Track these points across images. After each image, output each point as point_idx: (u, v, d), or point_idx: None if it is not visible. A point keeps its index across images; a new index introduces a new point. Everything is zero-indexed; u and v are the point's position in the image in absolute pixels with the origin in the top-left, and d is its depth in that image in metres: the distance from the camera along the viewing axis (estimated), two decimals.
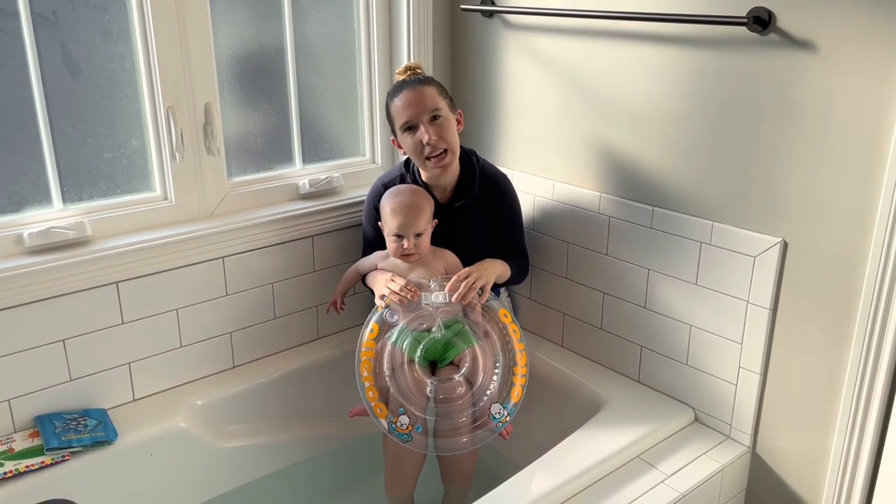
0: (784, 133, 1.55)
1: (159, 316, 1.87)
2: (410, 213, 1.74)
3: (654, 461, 1.70)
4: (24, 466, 1.60)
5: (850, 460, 1.59)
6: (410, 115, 1.75)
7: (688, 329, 1.82)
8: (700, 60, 1.66)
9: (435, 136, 1.74)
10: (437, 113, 1.75)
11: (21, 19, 1.60)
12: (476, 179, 1.86)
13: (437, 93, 1.77)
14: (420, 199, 1.78)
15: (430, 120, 1.75)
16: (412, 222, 1.73)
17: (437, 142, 1.74)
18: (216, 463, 1.91)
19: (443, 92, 1.80)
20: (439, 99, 1.77)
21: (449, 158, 1.78)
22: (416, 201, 1.77)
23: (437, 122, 1.75)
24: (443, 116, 1.76)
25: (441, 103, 1.77)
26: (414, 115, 1.74)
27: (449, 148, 1.77)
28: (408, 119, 1.75)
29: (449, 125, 1.78)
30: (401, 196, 1.78)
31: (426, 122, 1.74)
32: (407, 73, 1.83)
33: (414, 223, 1.73)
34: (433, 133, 1.74)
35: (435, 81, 1.81)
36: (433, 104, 1.75)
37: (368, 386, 1.65)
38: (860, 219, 1.48)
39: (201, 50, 1.82)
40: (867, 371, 1.52)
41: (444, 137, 1.75)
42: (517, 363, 1.69)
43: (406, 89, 1.76)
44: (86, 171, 1.78)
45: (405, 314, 1.70)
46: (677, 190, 1.78)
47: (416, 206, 1.75)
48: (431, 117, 1.75)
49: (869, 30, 1.39)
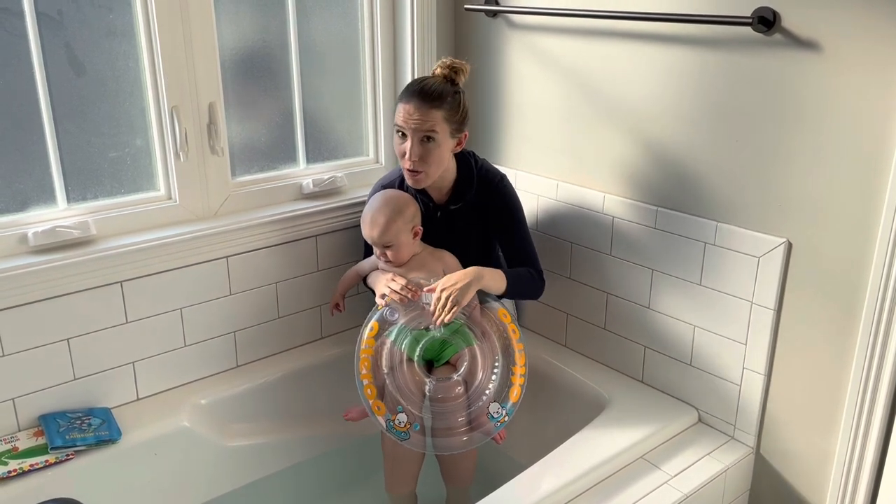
0: (788, 133, 1.55)
1: (163, 315, 1.87)
2: (374, 227, 1.75)
3: (658, 462, 1.69)
4: (28, 465, 1.60)
5: (854, 461, 1.59)
6: (402, 125, 1.72)
7: (692, 329, 1.82)
8: (704, 60, 1.66)
9: (417, 157, 1.71)
10: (430, 135, 1.71)
11: (26, 19, 1.61)
12: (473, 181, 1.85)
13: (442, 118, 1.70)
14: (386, 212, 1.75)
15: (421, 140, 1.71)
16: (377, 235, 1.75)
17: (417, 163, 1.72)
18: (220, 462, 1.91)
19: (452, 116, 1.72)
20: (441, 124, 1.71)
21: (422, 178, 1.75)
22: (378, 217, 1.74)
23: (426, 145, 1.71)
24: (435, 141, 1.71)
25: (441, 128, 1.71)
26: (405, 126, 1.71)
27: (426, 171, 1.74)
28: (399, 125, 1.73)
29: (438, 150, 1.72)
30: (371, 209, 1.78)
31: (415, 140, 1.71)
32: (443, 69, 1.76)
33: (379, 236, 1.75)
34: (416, 154, 1.71)
35: (446, 104, 1.71)
36: (429, 127, 1.70)
37: (367, 383, 1.66)
38: (865, 219, 1.48)
39: (205, 49, 1.83)
40: (871, 372, 1.52)
41: (425, 160, 1.72)
42: (516, 363, 1.69)
43: (415, 101, 1.70)
44: (90, 170, 1.78)
45: (405, 313, 1.70)
46: (681, 190, 1.78)
47: (378, 221, 1.74)
48: (423, 138, 1.71)
49: (874, 30, 1.39)
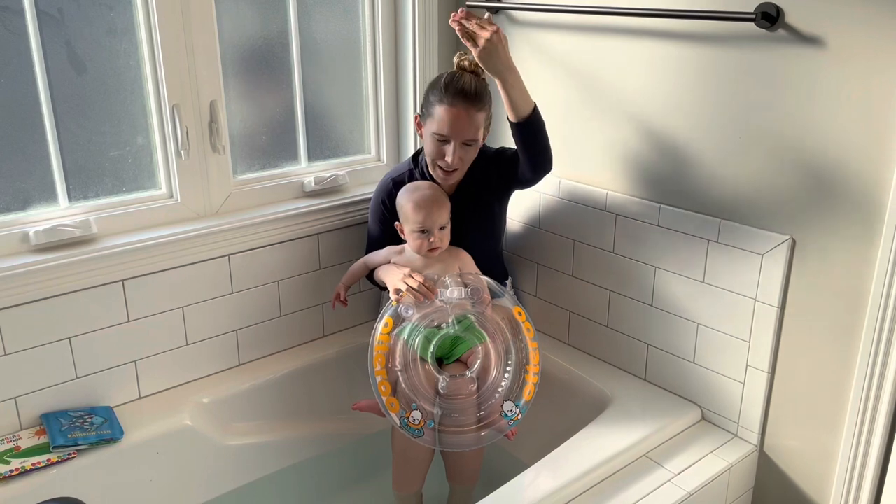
0: (791, 129, 1.54)
1: (165, 314, 1.87)
2: (433, 207, 1.74)
3: (661, 460, 1.69)
4: (30, 464, 1.60)
5: (858, 459, 1.58)
6: (447, 133, 1.72)
7: (695, 327, 1.81)
8: (707, 56, 1.65)
9: (458, 160, 1.74)
10: (471, 142, 1.74)
11: (26, 17, 1.60)
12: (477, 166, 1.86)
13: (483, 119, 1.75)
14: (439, 192, 1.79)
15: (462, 143, 1.74)
16: (437, 216, 1.74)
17: (457, 163, 1.75)
18: (222, 461, 1.91)
19: (488, 116, 1.78)
20: (482, 128, 1.75)
21: (457, 175, 1.80)
22: (438, 195, 1.78)
23: (467, 148, 1.75)
24: (475, 145, 1.76)
25: (480, 134, 1.75)
26: (451, 134, 1.72)
27: (461, 170, 1.79)
28: (444, 134, 1.73)
29: (475, 150, 1.78)
30: (420, 191, 1.78)
31: (458, 144, 1.73)
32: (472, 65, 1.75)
33: (438, 216, 1.74)
34: (458, 158, 1.74)
35: (488, 100, 1.75)
36: (474, 134, 1.73)
37: (381, 380, 1.64)
38: (869, 216, 1.47)
39: (206, 47, 1.82)
40: (876, 369, 1.51)
41: (464, 160, 1.76)
42: (530, 361, 1.68)
43: (460, 104, 1.70)
44: (91, 168, 1.78)
45: (419, 309, 1.69)
46: (684, 187, 1.77)
47: (438, 199, 1.76)
48: (465, 142, 1.74)
49: (877, 25, 1.38)
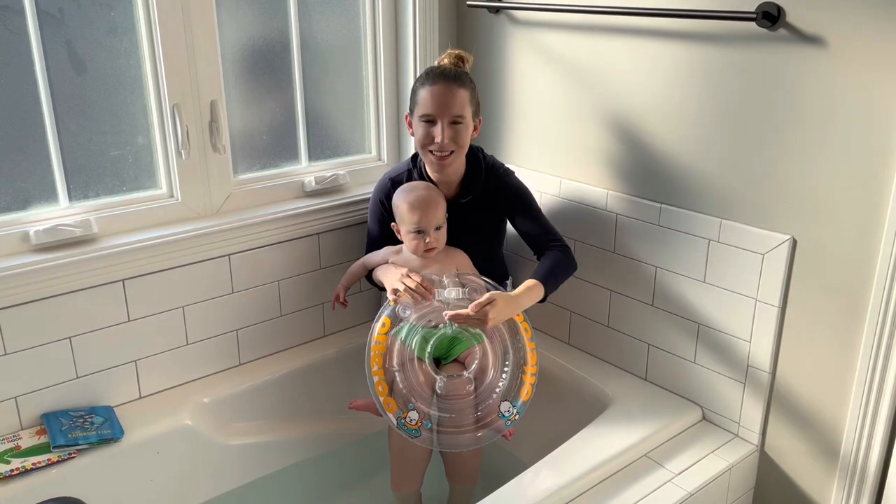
0: (793, 129, 1.54)
1: (165, 313, 1.87)
2: (429, 208, 1.74)
3: (662, 460, 1.69)
4: (30, 464, 1.60)
5: (859, 459, 1.58)
6: (433, 111, 1.73)
7: (696, 327, 1.81)
8: (708, 56, 1.65)
9: (448, 139, 1.73)
10: (459, 119, 1.74)
11: (27, 17, 1.60)
12: (482, 175, 1.86)
13: (467, 98, 1.75)
14: (435, 192, 1.79)
15: (450, 122, 1.73)
16: (432, 216, 1.74)
17: (448, 145, 1.74)
18: (222, 460, 1.91)
19: (473, 97, 1.78)
20: (467, 106, 1.75)
21: (452, 159, 1.77)
22: (432, 195, 1.77)
23: (455, 126, 1.74)
24: (463, 123, 1.75)
25: (467, 110, 1.75)
26: (437, 112, 1.73)
27: (457, 150, 1.77)
28: (429, 113, 1.74)
29: (466, 131, 1.76)
30: (416, 191, 1.78)
31: (446, 123, 1.73)
32: (451, 59, 1.80)
33: (434, 217, 1.74)
34: (447, 136, 1.73)
35: (470, 83, 1.77)
36: (459, 110, 1.73)
37: (378, 380, 1.65)
38: (870, 215, 1.47)
39: (207, 47, 1.82)
40: (877, 369, 1.51)
41: (456, 141, 1.75)
42: (528, 362, 1.68)
43: (441, 83, 1.73)
44: (92, 168, 1.78)
45: (417, 309, 1.69)
46: (685, 187, 1.77)
47: (433, 199, 1.76)
48: (452, 121, 1.74)
49: (879, 25, 1.38)
